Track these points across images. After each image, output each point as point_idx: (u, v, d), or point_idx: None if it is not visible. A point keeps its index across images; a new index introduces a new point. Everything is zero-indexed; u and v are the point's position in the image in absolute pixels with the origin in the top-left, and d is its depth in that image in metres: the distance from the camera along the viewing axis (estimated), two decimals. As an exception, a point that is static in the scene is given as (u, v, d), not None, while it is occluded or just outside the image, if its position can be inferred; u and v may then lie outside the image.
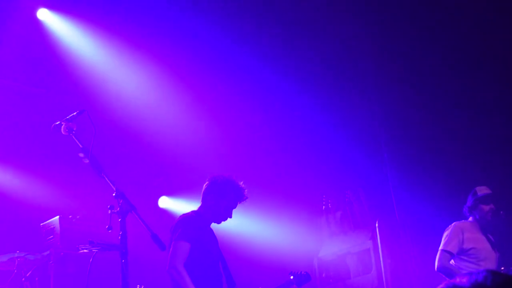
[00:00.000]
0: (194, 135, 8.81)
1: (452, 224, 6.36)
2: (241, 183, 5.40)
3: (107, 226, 3.89)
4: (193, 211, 5.39)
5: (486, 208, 6.34)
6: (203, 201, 5.41)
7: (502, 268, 6.13)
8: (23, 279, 6.62)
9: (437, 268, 6.11)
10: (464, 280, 1.57)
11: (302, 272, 5.78)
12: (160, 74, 8.24)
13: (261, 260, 8.44)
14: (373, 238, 7.85)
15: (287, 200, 8.81)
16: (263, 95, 8.56)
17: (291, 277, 5.71)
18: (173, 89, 8.42)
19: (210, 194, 5.35)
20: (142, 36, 7.87)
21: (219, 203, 5.34)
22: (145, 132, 8.52)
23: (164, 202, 9.50)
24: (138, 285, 6.37)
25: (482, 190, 6.40)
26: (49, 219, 6.96)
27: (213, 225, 5.45)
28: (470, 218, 6.45)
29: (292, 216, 8.77)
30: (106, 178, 4.10)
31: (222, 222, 5.44)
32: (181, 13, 7.70)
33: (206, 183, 5.40)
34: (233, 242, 8.11)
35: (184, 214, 5.35)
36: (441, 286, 1.59)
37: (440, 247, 6.22)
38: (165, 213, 9.36)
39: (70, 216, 6.94)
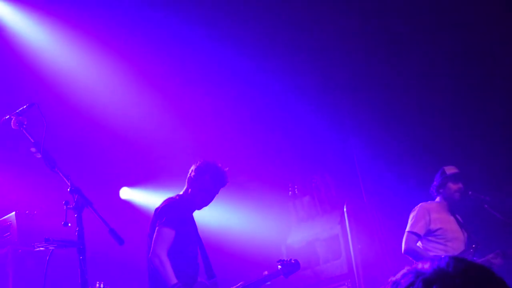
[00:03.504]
0: (155, 121, 8.72)
1: (418, 205, 6.54)
2: (227, 168, 5.60)
3: (63, 222, 4.05)
4: (178, 195, 5.54)
5: (454, 187, 6.53)
6: (189, 185, 5.54)
7: (473, 246, 6.27)
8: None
9: (404, 250, 6.28)
10: (426, 266, 1.56)
11: (291, 261, 5.79)
12: (114, 59, 8.14)
13: (228, 249, 8.48)
14: (342, 223, 7.97)
15: (253, 186, 8.83)
16: (227, 78, 8.46)
17: (279, 266, 5.72)
18: (131, 74, 8.34)
19: (198, 179, 5.48)
20: (94, 22, 7.78)
21: (205, 189, 5.49)
22: (102, 120, 8.41)
23: (126, 193, 9.50)
24: (98, 282, 6.52)
25: (450, 169, 6.61)
26: (4, 215, 6.99)
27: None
28: (438, 198, 6.65)
29: (258, 202, 8.82)
30: (59, 173, 4.23)
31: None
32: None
33: (193, 167, 5.55)
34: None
35: (170, 198, 5.52)
36: (403, 271, 1.60)
37: (407, 229, 6.39)
38: (127, 204, 9.37)
39: (26, 212, 7.01)
